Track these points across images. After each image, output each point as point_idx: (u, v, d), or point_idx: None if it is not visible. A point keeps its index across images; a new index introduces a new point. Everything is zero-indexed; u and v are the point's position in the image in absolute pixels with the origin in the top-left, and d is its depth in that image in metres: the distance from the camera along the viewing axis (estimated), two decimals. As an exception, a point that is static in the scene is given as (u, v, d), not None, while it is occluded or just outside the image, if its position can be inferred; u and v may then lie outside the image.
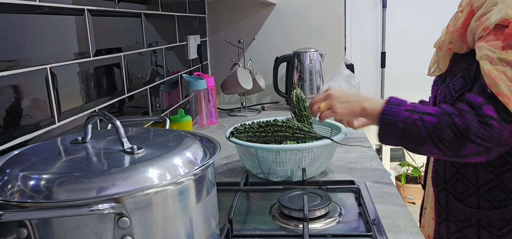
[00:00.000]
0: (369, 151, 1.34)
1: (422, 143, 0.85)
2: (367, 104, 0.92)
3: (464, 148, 0.81)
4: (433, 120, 0.84)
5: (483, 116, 0.79)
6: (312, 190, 0.95)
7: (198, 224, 0.62)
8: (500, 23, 0.80)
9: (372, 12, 3.28)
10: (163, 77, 1.50)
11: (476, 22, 0.86)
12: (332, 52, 2.06)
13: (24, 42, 0.78)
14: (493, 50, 0.80)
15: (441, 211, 1.00)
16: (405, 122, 0.85)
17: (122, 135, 0.62)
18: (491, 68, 0.79)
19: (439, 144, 0.83)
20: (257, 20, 2.09)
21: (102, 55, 1.06)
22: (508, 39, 0.78)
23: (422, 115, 0.85)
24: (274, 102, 2.14)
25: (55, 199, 0.52)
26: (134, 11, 1.26)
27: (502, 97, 0.77)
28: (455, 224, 0.97)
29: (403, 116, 0.86)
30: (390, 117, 0.87)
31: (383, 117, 0.88)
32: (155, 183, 0.56)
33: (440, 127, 0.82)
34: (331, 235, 0.81)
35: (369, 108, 0.91)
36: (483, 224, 0.92)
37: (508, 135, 0.79)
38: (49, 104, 0.84)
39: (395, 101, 0.89)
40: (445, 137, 0.82)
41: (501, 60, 0.78)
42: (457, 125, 0.81)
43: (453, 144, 0.82)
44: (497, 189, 0.90)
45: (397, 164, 3.25)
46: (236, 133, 1.14)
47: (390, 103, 0.89)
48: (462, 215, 0.95)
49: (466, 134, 0.80)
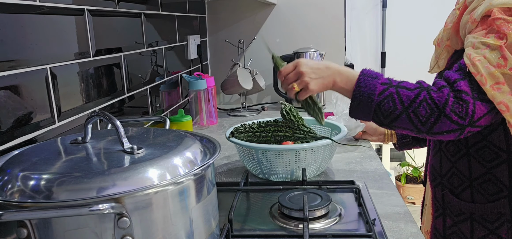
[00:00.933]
0: (369, 151, 1.34)
1: (396, 117, 0.84)
2: (339, 78, 0.90)
3: (438, 122, 0.81)
4: (409, 94, 0.83)
5: (459, 91, 0.80)
6: (312, 190, 0.95)
7: (198, 224, 0.62)
8: (485, 14, 0.83)
9: (372, 12, 3.28)
10: (163, 77, 1.50)
11: (467, 16, 0.88)
12: (332, 52, 2.06)
13: (24, 42, 0.78)
14: (475, 37, 0.83)
15: (437, 206, 1.01)
16: (381, 95, 0.84)
17: (122, 135, 0.62)
18: (472, 51, 0.82)
19: (414, 118, 0.82)
20: (257, 20, 2.09)
21: (102, 55, 1.06)
22: (491, 25, 0.81)
23: (398, 89, 0.84)
24: (274, 102, 2.14)
25: (55, 199, 0.52)
26: (134, 11, 1.26)
27: (479, 77, 0.79)
28: (451, 219, 0.98)
29: (379, 89, 0.84)
30: (365, 89, 0.85)
31: (357, 89, 0.86)
32: (155, 183, 0.56)
33: (417, 101, 0.82)
34: (331, 235, 0.81)
35: (342, 82, 0.89)
36: (476, 217, 0.94)
37: (481, 113, 0.80)
38: (49, 104, 0.84)
39: (370, 73, 0.87)
40: (420, 110, 0.81)
41: (483, 43, 0.81)
42: (434, 98, 0.81)
43: (428, 118, 0.81)
44: (490, 183, 0.91)
45: (397, 164, 3.25)
46: (236, 133, 1.14)
47: (365, 75, 0.87)
48: (457, 209, 0.96)
49: (443, 108, 0.80)
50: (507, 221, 0.91)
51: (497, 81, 0.78)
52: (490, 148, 0.90)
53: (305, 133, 1.12)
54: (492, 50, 0.79)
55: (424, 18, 3.11)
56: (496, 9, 0.81)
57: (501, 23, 0.79)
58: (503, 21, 0.79)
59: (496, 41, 0.79)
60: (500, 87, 0.78)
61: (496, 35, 0.80)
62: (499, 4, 0.81)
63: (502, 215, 0.91)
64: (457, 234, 0.98)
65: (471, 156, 0.93)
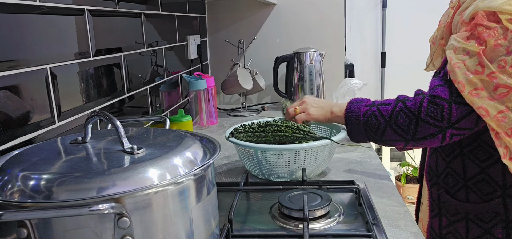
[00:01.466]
0: (369, 151, 1.34)
1: (383, 131, 0.92)
2: (335, 108, 1.03)
3: (418, 128, 0.87)
4: (388, 108, 0.92)
5: (434, 96, 0.85)
6: (312, 190, 0.95)
7: (198, 224, 0.62)
8: (472, 16, 0.84)
9: (372, 12, 3.28)
10: (163, 77, 1.50)
11: (458, 16, 0.89)
12: (332, 52, 2.06)
13: (24, 42, 0.78)
14: (458, 40, 0.84)
15: (434, 206, 1.02)
16: (365, 115, 0.94)
17: (122, 135, 0.62)
18: (453, 56, 0.84)
19: (397, 128, 0.89)
20: (257, 20, 2.09)
21: (102, 55, 1.06)
22: (473, 30, 0.82)
23: (379, 107, 0.94)
24: (274, 102, 2.14)
25: (55, 199, 0.52)
26: (134, 11, 1.26)
27: (457, 84, 0.82)
28: (447, 218, 0.99)
29: (363, 110, 0.95)
30: (352, 114, 0.97)
31: (347, 115, 0.98)
32: (155, 183, 0.56)
33: (394, 112, 0.90)
34: (331, 235, 0.81)
35: (337, 111, 1.02)
36: (471, 217, 0.95)
37: (459, 114, 0.83)
38: (49, 104, 0.84)
39: (356, 100, 0.99)
40: (399, 120, 0.89)
41: (463, 50, 0.82)
42: (408, 106, 0.88)
43: (408, 126, 0.88)
44: (484, 182, 0.92)
45: (397, 164, 3.25)
46: (236, 133, 1.14)
47: (352, 103, 0.99)
48: (453, 209, 0.97)
49: (417, 114, 0.86)
50: (502, 220, 0.91)
51: (475, 87, 0.80)
52: (484, 147, 0.91)
53: (305, 133, 1.12)
54: (471, 56, 0.81)
55: (424, 18, 3.10)
56: (481, 13, 0.82)
57: (482, 29, 0.81)
58: (484, 28, 0.81)
59: (476, 48, 0.81)
60: (479, 92, 0.80)
61: (477, 41, 0.81)
62: (484, 8, 0.81)
63: (497, 214, 0.91)
64: (452, 233, 0.98)
65: (465, 155, 0.94)
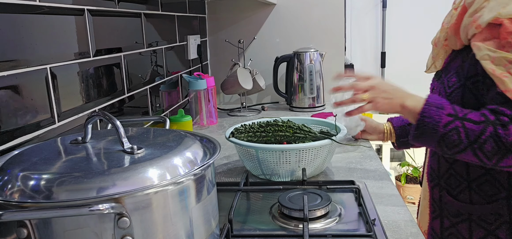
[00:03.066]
0: (369, 151, 1.34)
1: (460, 151, 0.83)
2: (409, 102, 0.88)
3: (505, 159, 0.81)
4: (475, 128, 0.81)
5: None
6: (312, 190, 0.95)
7: (198, 224, 0.62)
8: (492, 22, 0.82)
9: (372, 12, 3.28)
10: (163, 77, 1.50)
11: (469, 18, 0.87)
12: (332, 52, 2.06)
13: (24, 42, 0.78)
14: (492, 50, 0.82)
15: (435, 207, 1.01)
16: (446, 127, 0.83)
17: (122, 135, 0.62)
18: (495, 67, 0.81)
19: (480, 153, 0.82)
20: (257, 20, 2.09)
21: (102, 55, 1.06)
22: (505, 38, 0.80)
23: (464, 122, 0.82)
24: (274, 102, 2.14)
25: (55, 199, 0.52)
26: (134, 11, 1.26)
27: (509, 93, 0.80)
28: (449, 220, 0.98)
29: (444, 121, 0.83)
30: (429, 120, 0.84)
31: (422, 118, 0.85)
32: (155, 183, 0.56)
33: (482, 137, 0.81)
34: (331, 235, 0.81)
35: (410, 107, 0.88)
36: (474, 218, 0.94)
37: None
38: (49, 104, 0.84)
39: (435, 102, 0.86)
40: (487, 147, 0.81)
41: (505, 59, 0.80)
42: (501, 136, 0.80)
43: (494, 155, 0.81)
44: (488, 184, 0.91)
45: (397, 164, 3.25)
46: (236, 133, 1.14)
47: (430, 106, 0.85)
48: (455, 210, 0.96)
49: (510, 146, 0.80)
50: (506, 222, 0.91)
51: None
52: None
53: (305, 132, 1.12)
54: None
55: (424, 18, 3.10)
56: (507, 20, 0.80)
57: None
58: None
59: None
60: None
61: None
62: (509, 15, 0.80)
63: (501, 216, 0.91)
64: (455, 235, 0.98)
65: None
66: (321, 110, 1.94)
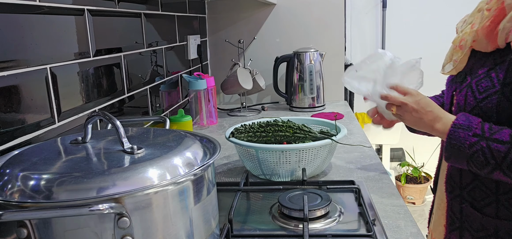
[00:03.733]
0: (369, 151, 1.34)
1: (491, 170, 0.82)
2: (439, 125, 0.87)
3: None
4: (502, 148, 0.79)
5: None
6: (312, 190, 0.95)
7: (198, 224, 0.62)
8: None
9: (372, 12, 3.28)
10: (163, 77, 1.50)
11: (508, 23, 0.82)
12: (332, 52, 2.06)
13: (24, 42, 0.78)
14: None
15: (453, 219, 0.94)
16: (471, 149, 0.82)
17: (122, 135, 0.62)
18: None
19: (509, 173, 0.80)
20: (257, 20, 2.09)
21: (102, 55, 1.06)
22: None
23: (489, 143, 0.81)
24: (274, 102, 2.14)
25: (55, 199, 0.52)
26: (134, 11, 1.26)
27: None
28: (471, 234, 0.92)
29: (469, 142, 0.82)
30: (456, 141, 0.83)
31: (450, 140, 0.85)
32: (155, 183, 0.56)
33: (510, 156, 0.79)
34: (331, 235, 0.81)
35: (440, 129, 0.87)
36: (502, 235, 0.87)
37: None
38: (49, 104, 0.84)
39: (464, 123, 0.84)
40: None
41: None
42: None
43: None
44: None
45: (397, 164, 3.25)
46: (236, 133, 1.14)
47: (458, 127, 0.84)
48: (478, 224, 0.90)
49: None
50: None
51: None
52: None
53: (306, 132, 1.12)
54: None
55: (424, 18, 3.11)
56: None
57: None
58: None
59: None
60: None
61: None
62: None
63: None
64: None
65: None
66: (321, 111, 1.94)
